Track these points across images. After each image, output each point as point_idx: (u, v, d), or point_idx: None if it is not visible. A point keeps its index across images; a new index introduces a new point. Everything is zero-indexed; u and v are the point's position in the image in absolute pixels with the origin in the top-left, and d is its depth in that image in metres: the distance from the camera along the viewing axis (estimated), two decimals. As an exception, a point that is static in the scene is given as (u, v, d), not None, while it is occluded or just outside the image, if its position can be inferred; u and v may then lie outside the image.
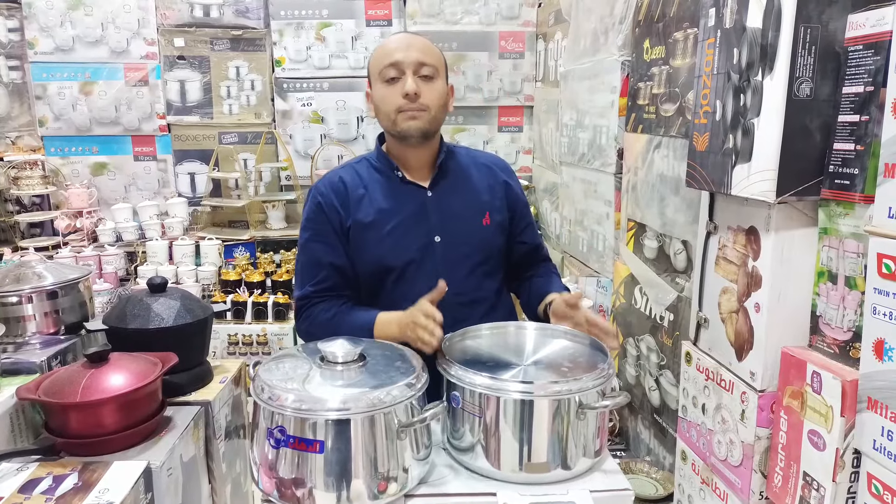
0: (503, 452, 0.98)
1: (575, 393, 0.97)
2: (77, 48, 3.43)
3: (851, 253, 1.11)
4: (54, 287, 1.57)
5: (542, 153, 3.43)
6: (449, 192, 1.41)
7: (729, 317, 1.39)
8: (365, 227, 1.37)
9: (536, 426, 0.97)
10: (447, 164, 1.44)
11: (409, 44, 1.35)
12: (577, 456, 1.00)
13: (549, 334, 1.19)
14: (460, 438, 1.03)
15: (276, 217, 3.54)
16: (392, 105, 1.34)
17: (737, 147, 1.25)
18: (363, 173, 1.43)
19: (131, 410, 1.26)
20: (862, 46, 1.05)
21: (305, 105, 3.60)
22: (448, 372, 1.02)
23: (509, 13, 3.59)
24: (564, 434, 0.98)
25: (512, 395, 0.96)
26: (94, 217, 3.44)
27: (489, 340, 1.19)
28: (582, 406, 0.97)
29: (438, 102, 1.36)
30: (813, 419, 1.15)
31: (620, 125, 2.22)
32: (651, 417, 2.04)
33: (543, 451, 0.97)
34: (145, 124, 3.54)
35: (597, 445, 1.02)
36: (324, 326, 1.35)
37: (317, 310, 1.38)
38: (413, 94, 1.31)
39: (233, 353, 2.96)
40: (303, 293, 1.40)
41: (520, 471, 0.98)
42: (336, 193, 1.40)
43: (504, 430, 0.97)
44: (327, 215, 1.39)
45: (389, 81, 1.34)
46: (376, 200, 1.39)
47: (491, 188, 1.45)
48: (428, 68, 1.34)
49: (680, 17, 1.79)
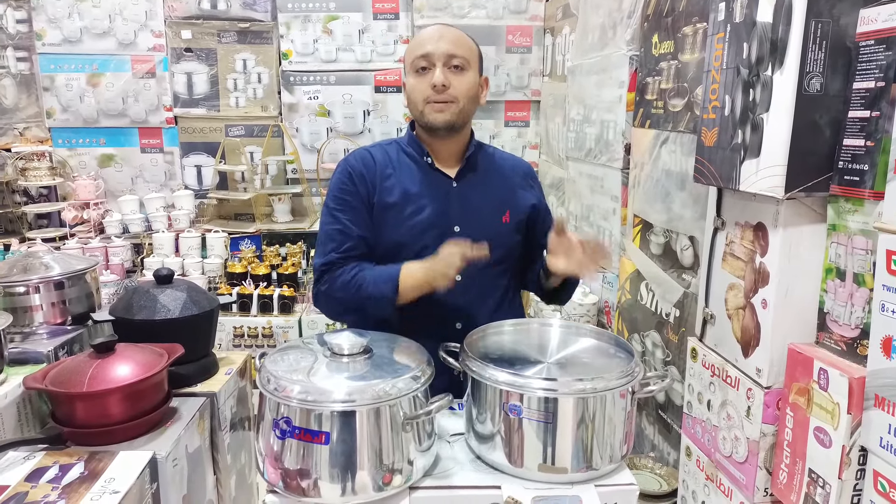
0: (527, 451, 0.97)
1: (600, 392, 0.96)
2: (85, 40, 3.43)
3: (860, 250, 1.10)
4: (61, 277, 1.58)
5: (548, 148, 3.42)
6: (473, 186, 1.43)
7: (735, 313, 1.39)
8: (388, 206, 1.38)
9: (561, 425, 0.96)
10: (475, 159, 1.46)
11: (441, 35, 1.36)
12: (604, 458, 0.99)
13: (574, 332, 1.18)
14: (490, 440, 1.01)
15: (282, 210, 3.54)
16: (421, 95, 1.36)
17: (745, 142, 1.24)
18: (393, 155, 1.45)
19: (137, 401, 1.26)
20: (873, 41, 1.04)
21: (312, 98, 3.60)
22: (471, 369, 1.02)
23: (517, 7, 3.58)
24: (589, 435, 0.97)
25: (536, 392, 0.96)
26: (101, 209, 3.45)
27: (512, 337, 1.18)
28: (606, 405, 0.97)
29: (468, 94, 1.37)
30: (819, 416, 1.14)
31: (628, 120, 2.21)
32: (655, 413, 2.04)
33: (568, 453, 0.96)
34: (152, 116, 3.55)
35: (623, 450, 1.02)
36: (345, 286, 1.33)
37: (340, 272, 1.36)
38: (441, 85, 1.33)
39: (238, 345, 2.97)
40: (327, 259, 1.38)
41: (541, 472, 0.98)
42: (366, 167, 1.41)
43: (528, 429, 0.96)
44: (357, 186, 1.39)
45: (420, 72, 1.36)
46: (403, 182, 1.39)
47: (514, 189, 1.47)
48: (458, 59, 1.35)
49: (689, 11, 1.77)
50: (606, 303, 2.45)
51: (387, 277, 1.30)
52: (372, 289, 1.30)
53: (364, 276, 1.32)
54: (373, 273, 1.33)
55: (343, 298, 1.35)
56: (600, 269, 1.22)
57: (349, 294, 1.33)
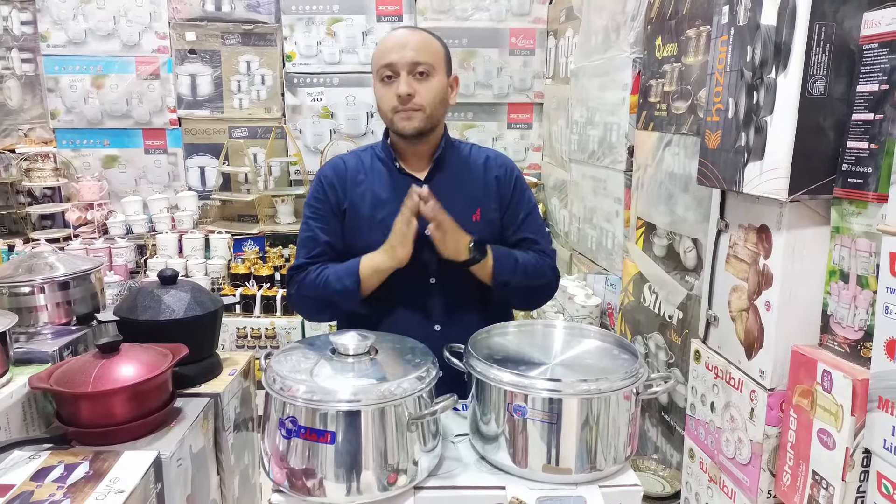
0: (531, 452, 0.97)
1: (604, 393, 0.96)
2: (89, 41, 3.45)
3: (864, 252, 1.10)
4: (66, 278, 1.58)
5: (551, 150, 3.43)
6: (443, 186, 1.42)
7: (739, 315, 1.39)
8: (359, 212, 1.42)
9: (565, 426, 0.96)
10: (445, 158, 1.47)
11: (405, 43, 1.36)
12: (608, 459, 0.99)
13: (578, 333, 1.19)
14: (494, 441, 1.01)
15: (285, 211, 3.55)
16: (388, 105, 1.38)
17: (749, 145, 1.24)
18: (366, 161, 1.48)
19: (142, 401, 1.27)
20: (877, 45, 1.04)
21: (315, 100, 3.61)
22: (475, 369, 1.02)
23: (520, 10, 3.58)
24: (593, 436, 0.97)
25: (541, 393, 0.96)
26: (105, 209, 3.47)
27: (516, 338, 1.19)
28: (610, 405, 0.97)
29: (434, 101, 1.37)
30: (823, 418, 1.14)
31: (631, 123, 2.21)
32: (658, 415, 2.04)
33: (572, 454, 0.96)
34: (156, 118, 3.56)
35: (627, 451, 1.02)
36: (311, 284, 1.40)
37: (306, 273, 1.42)
38: (406, 95, 1.33)
39: (241, 346, 2.97)
40: (296, 263, 1.46)
41: (545, 472, 0.98)
42: (337, 175, 1.46)
43: (531, 430, 0.96)
44: (327, 195, 1.45)
45: (385, 80, 1.37)
46: (374, 188, 1.43)
47: (484, 184, 1.47)
48: (423, 66, 1.35)
49: (693, 14, 1.78)
50: (609, 305, 2.45)
51: (348, 270, 1.36)
52: (335, 284, 1.36)
53: (327, 273, 1.38)
54: (335, 269, 1.38)
55: (313, 297, 1.41)
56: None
57: (317, 292, 1.39)
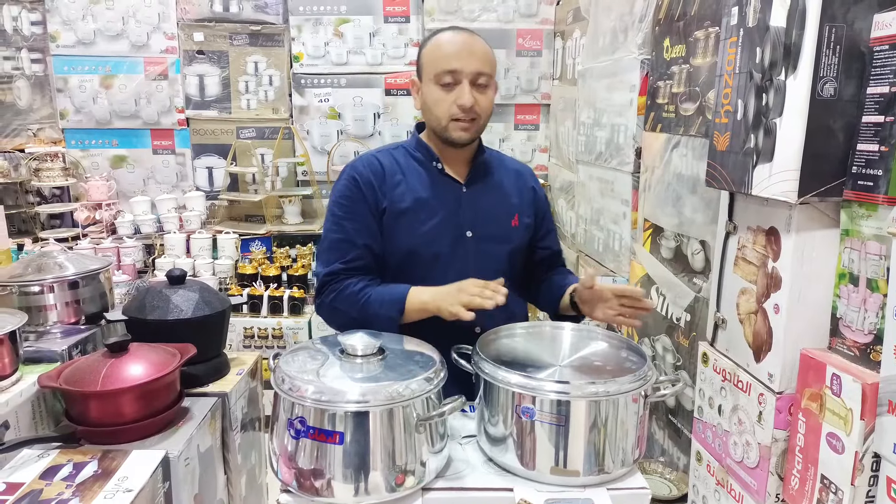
0: (539, 454, 0.97)
1: (613, 395, 0.96)
2: (98, 42, 3.47)
3: (874, 255, 1.10)
4: (76, 277, 1.59)
5: (558, 151, 3.42)
6: (483, 191, 1.43)
7: (747, 318, 1.38)
8: (400, 213, 1.36)
9: (573, 428, 0.95)
10: (483, 163, 1.46)
11: (471, 51, 1.33)
12: (616, 462, 0.99)
13: (586, 335, 1.18)
14: (502, 443, 1.01)
15: (292, 212, 3.56)
16: (445, 112, 1.33)
17: (758, 147, 1.24)
18: (400, 160, 1.42)
19: (150, 400, 1.27)
20: (888, 46, 1.04)
21: (323, 101, 3.62)
22: (476, 364, 1.02)
23: (527, 10, 3.58)
24: (601, 438, 0.97)
25: (549, 395, 0.96)
26: (113, 209, 3.48)
27: (524, 340, 1.18)
28: (619, 408, 0.97)
29: (489, 111, 1.37)
30: (832, 422, 1.14)
31: (639, 124, 2.21)
32: (665, 418, 2.03)
33: (580, 456, 0.96)
34: (164, 118, 3.58)
35: (636, 454, 1.01)
36: (350, 299, 1.31)
37: (344, 284, 1.34)
38: (469, 107, 1.31)
39: (248, 346, 2.98)
40: (331, 269, 1.35)
41: (553, 474, 0.97)
42: (374, 173, 1.38)
43: (539, 432, 0.96)
44: (364, 193, 1.36)
45: (444, 86, 1.33)
46: (414, 188, 1.38)
47: (520, 192, 1.48)
48: (484, 77, 1.33)
49: (701, 15, 1.77)
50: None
51: (393, 299, 1.27)
52: (377, 308, 1.28)
53: (369, 294, 1.30)
54: (379, 292, 1.30)
55: (347, 312, 1.33)
56: (641, 318, 1.21)
57: (354, 309, 1.32)
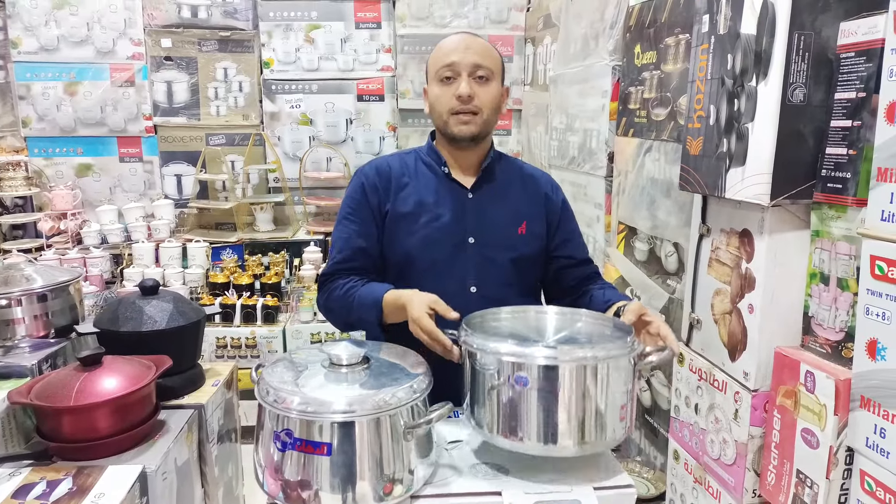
0: (531, 423, 0.98)
1: (602, 359, 0.97)
2: (62, 48, 3.38)
3: (843, 255, 1.13)
4: (44, 290, 1.55)
5: (530, 156, 3.45)
6: (489, 197, 1.42)
7: (722, 318, 1.41)
8: (402, 216, 1.38)
9: (564, 395, 0.96)
10: (492, 169, 1.45)
11: (468, 45, 1.36)
12: (608, 430, 1.00)
13: (571, 317, 1.19)
14: (493, 417, 1.01)
15: (263, 219, 3.52)
16: (445, 106, 1.36)
17: (731, 151, 1.27)
18: (410, 164, 1.45)
19: (126, 414, 1.25)
20: (854, 53, 1.08)
21: (294, 107, 3.59)
22: (470, 344, 1.02)
23: (498, 17, 3.61)
24: (593, 405, 0.98)
25: (538, 360, 0.96)
26: (79, 219, 3.40)
27: (510, 322, 1.19)
28: (610, 372, 0.97)
29: (492, 105, 1.37)
30: (806, 418, 1.17)
31: (611, 129, 2.24)
32: (642, 418, 2.06)
33: (572, 423, 0.97)
34: (131, 125, 3.50)
35: (626, 423, 1.03)
36: (339, 301, 1.35)
37: (335, 285, 1.38)
38: (467, 96, 1.32)
39: (221, 356, 2.93)
40: (327, 269, 1.41)
41: (549, 444, 0.98)
42: (380, 176, 1.42)
43: (531, 401, 0.97)
44: (367, 196, 1.40)
45: (444, 81, 1.36)
46: (419, 192, 1.39)
47: (531, 199, 1.46)
48: (484, 70, 1.35)
49: (672, 22, 1.81)
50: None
51: (371, 301, 1.29)
52: (360, 311, 1.31)
53: (352, 296, 1.33)
54: (361, 294, 1.32)
55: (339, 313, 1.38)
56: None
57: (341, 310, 1.36)
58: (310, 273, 3.17)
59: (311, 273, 3.17)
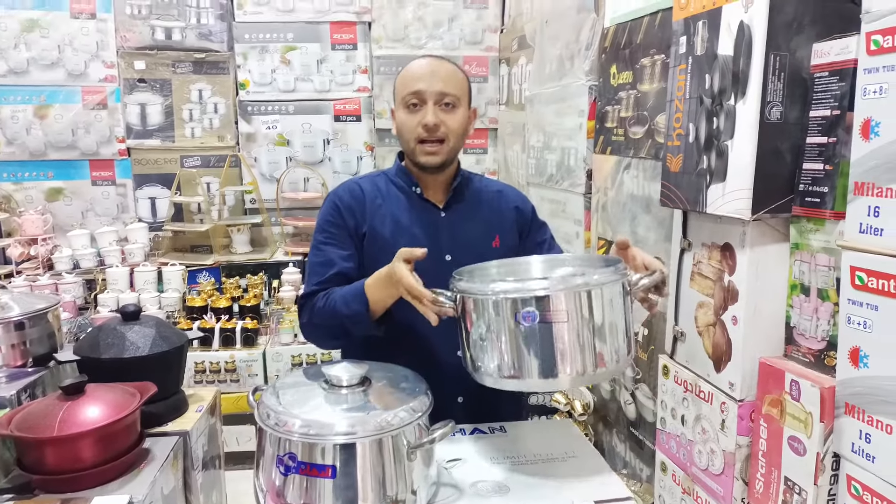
0: (537, 357, 1.00)
1: (593, 286, 1.00)
2: (32, 71, 3.33)
3: (823, 266, 1.17)
4: (21, 318, 1.52)
5: (507, 175, 3.49)
6: (461, 215, 1.45)
7: (706, 330, 1.44)
8: (379, 237, 1.39)
9: (569, 323, 0.98)
10: (462, 189, 1.48)
11: (434, 72, 1.37)
12: (610, 352, 1.03)
13: (558, 261, 1.22)
14: (494, 358, 1.03)
15: (240, 241, 3.49)
16: (412, 133, 1.37)
17: (711, 167, 1.31)
18: (382, 186, 1.46)
19: (111, 443, 1.22)
20: (827, 73, 1.12)
21: (270, 128, 3.58)
22: (458, 287, 1.05)
23: (472, 38, 3.67)
24: (593, 330, 1.00)
25: (535, 291, 0.98)
26: (50, 244, 3.32)
27: (499, 271, 1.22)
28: (607, 295, 1.00)
29: (458, 132, 1.39)
30: (793, 426, 1.20)
31: (589, 147, 2.29)
32: (627, 431, 2.08)
33: (575, 351, 0.99)
34: (104, 148, 3.45)
35: (627, 349, 1.06)
36: (322, 312, 1.33)
37: (315, 300, 1.35)
38: (433, 125, 1.34)
39: (199, 381, 2.87)
40: (307, 291, 1.39)
41: (545, 379, 1.00)
42: (354, 198, 1.42)
43: (533, 335, 0.99)
44: (344, 218, 1.40)
45: (411, 108, 1.37)
46: (393, 213, 1.41)
47: (501, 213, 1.49)
48: (450, 97, 1.36)
49: (647, 43, 1.86)
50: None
51: (354, 293, 1.29)
52: (344, 308, 1.29)
53: (334, 299, 1.32)
54: (340, 294, 1.32)
55: (323, 325, 1.35)
56: None
57: (326, 320, 1.33)
58: (289, 294, 3.14)
59: (291, 294, 3.14)
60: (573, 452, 1.17)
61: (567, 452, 1.17)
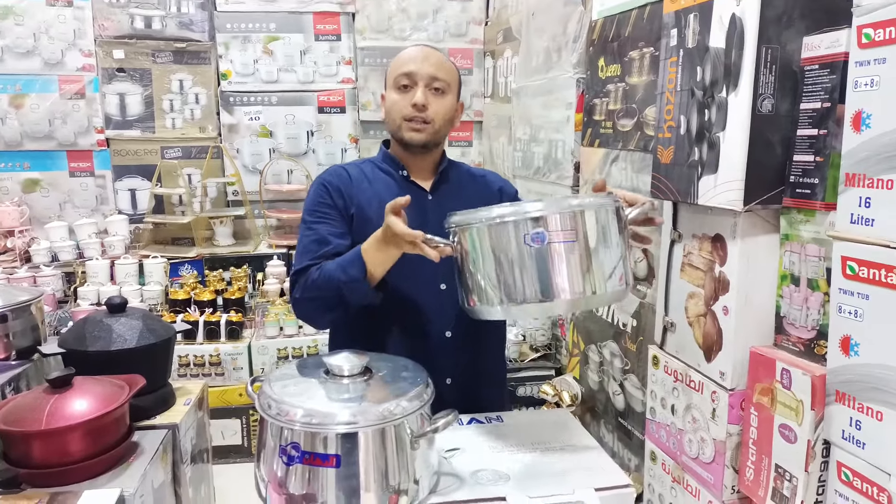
0: (555, 276, 1.04)
1: (586, 208, 1.05)
2: (6, 59, 3.24)
3: (813, 257, 1.19)
4: (4, 310, 1.49)
5: (493, 167, 3.49)
6: (448, 197, 1.46)
7: (696, 320, 1.46)
8: (367, 218, 1.39)
9: (578, 242, 1.04)
10: (447, 173, 1.51)
11: (426, 56, 1.41)
12: (614, 277, 1.08)
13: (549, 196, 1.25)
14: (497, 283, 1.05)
15: (223, 233, 3.45)
16: (399, 112, 1.40)
17: (702, 159, 1.32)
18: (367, 171, 1.48)
19: (100, 436, 1.21)
20: (818, 66, 1.14)
21: (253, 119, 3.54)
22: (454, 221, 1.10)
23: (457, 31, 3.66)
24: (590, 253, 1.05)
25: (530, 214, 1.03)
26: (27, 236, 3.25)
27: None
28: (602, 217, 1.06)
29: (444, 117, 1.42)
30: (784, 414, 1.22)
31: (577, 139, 2.30)
32: (615, 421, 2.10)
33: (579, 271, 1.04)
34: (82, 139, 3.38)
35: (624, 273, 1.11)
36: (315, 284, 1.30)
37: (309, 273, 1.33)
38: (421, 105, 1.37)
39: (183, 374, 2.84)
40: (300, 266, 1.36)
41: (547, 301, 1.04)
42: (341, 181, 1.44)
43: (536, 258, 1.03)
44: (333, 199, 1.41)
45: (401, 89, 1.40)
46: (380, 194, 1.41)
47: (486, 196, 1.51)
48: (440, 82, 1.40)
49: (635, 37, 1.87)
50: (560, 315, 2.51)
51: (351, 259, 1.28)
52: (341, 275, 1.27)
53: (329, 268, 1.30)
54: (336, 262, 1.30)
55: (318, 297, 1.32)
56: None
57: (322, 290, 1.30)
58: (274, 287, 3.11)
59: (276, 287, 3.11)
60: (571, 441, 1.18)
61: (565, 441, 1.18)
